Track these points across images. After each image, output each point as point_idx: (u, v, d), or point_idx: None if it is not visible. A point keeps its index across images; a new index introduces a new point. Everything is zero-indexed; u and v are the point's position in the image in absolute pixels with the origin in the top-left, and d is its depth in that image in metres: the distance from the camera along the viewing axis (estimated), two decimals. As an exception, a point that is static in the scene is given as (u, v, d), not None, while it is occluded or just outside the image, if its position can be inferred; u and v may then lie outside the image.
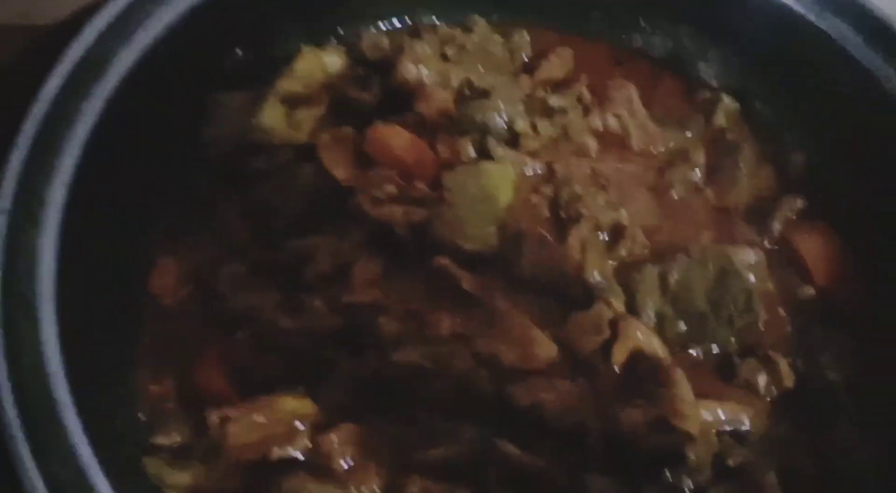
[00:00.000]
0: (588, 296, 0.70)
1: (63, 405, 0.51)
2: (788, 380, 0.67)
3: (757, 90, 0.85)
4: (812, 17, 0.77)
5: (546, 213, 0.76)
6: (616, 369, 0.67)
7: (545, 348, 0.67)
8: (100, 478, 0.49)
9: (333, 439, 0.61)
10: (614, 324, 0.69)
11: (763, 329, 0.70)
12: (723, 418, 0.64)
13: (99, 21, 0.65)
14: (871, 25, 0.74)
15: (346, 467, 0.60)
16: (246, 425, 0.59)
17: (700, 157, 0.81)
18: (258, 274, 0.70)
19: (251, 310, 0.65)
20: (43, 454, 0.49)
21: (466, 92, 0.81)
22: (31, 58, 0.70)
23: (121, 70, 0.65)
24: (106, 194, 0.65)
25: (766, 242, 0.76)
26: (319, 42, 0.82)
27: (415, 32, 0.85)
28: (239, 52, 0.79)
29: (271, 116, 0.77)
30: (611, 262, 0.72)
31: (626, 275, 0.72)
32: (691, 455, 0.60)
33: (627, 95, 0.83)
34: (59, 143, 0.60)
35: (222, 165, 0.76)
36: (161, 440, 0.61)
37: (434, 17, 0.88)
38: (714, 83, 0.87)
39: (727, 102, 0.84)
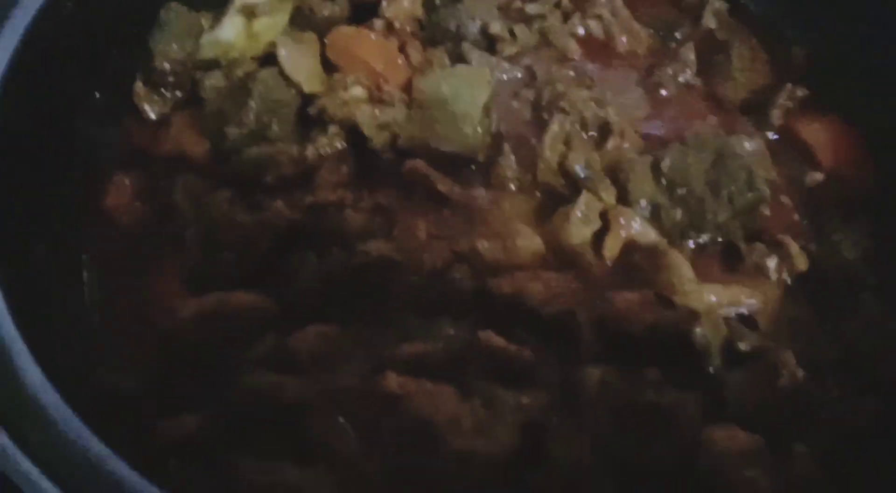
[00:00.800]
0: (575, 190, 0.64)
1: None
2: (801, 262, 0.61)
3: (747, -12, 0.80)
4: None
5: (528, 115, 0.71)
6: (608, 262, 0.62)
7: (530, 241, 0.61)
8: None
9: (299, 342, 0.55)
10: (604, 216, 0.63)
11: (769, 215, 0.64)
12: (730, 301, 0.58)
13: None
14: None
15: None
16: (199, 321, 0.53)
17: (690, 55, 0.76)
18: (216, 183, 0.64)
19: (205, 207, 0.60)
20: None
21: (437, 2, 0.77)
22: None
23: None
24: (47, 101, 0.60)
25: (767, 133, 0.70)
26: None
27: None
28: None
29: (228, 31, 0.72)
30: (596, 155, 0.67)
31: (616, 169, 0.66)
32: (697, 331, 0.53)
33: (610, -1, 0.79)
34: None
35: (174, 80, 0.71)
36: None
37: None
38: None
39: (715, 2, 0.79)
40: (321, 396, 0.51)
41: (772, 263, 0.60)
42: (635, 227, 0.62)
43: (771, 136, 0.71)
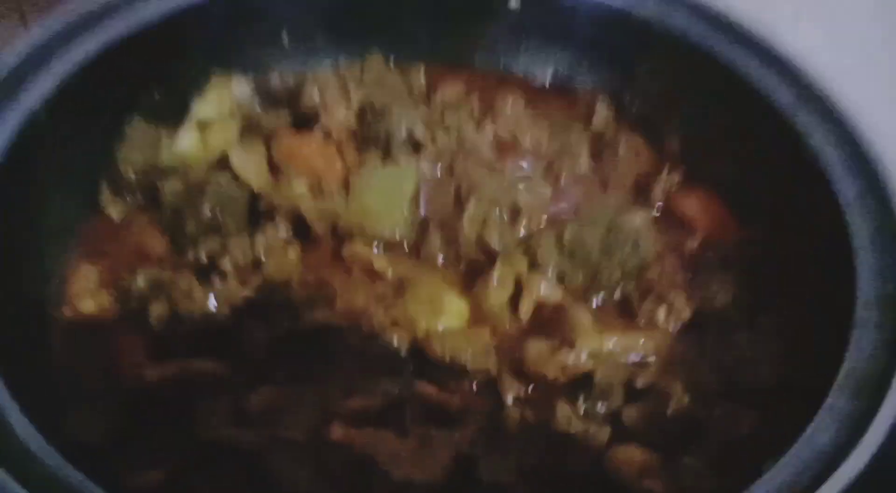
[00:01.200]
0: (492, 261, 0.75)
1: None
2: (685, 312, 0.71)
3: (628, 94, 0.95)
4: (667, 23, 0.87)
5: (449, 202, 0.82)
6: (523, 319, 0.71)
7: (456, 306, 0.71)
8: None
9: (253, 401, 0.62)
10: (518, 281, 0.73)
11: (658, 274, 0.75)
12: (626, 347, 0.68)
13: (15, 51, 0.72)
14: (724, 26, 0.85)
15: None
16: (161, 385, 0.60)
17: (584, 151, 0.89)
18: (175, 272, 0.72)
19: (166, 291, 0.67)
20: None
21: (367, 113, 0.90)
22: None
23: (37, 93, 0.71)
24: (21, 203, 0.69)
25: (651, 209, 0.83)
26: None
27: (317, 68, 0.94)
28: (157, 94, 0.86)
29: (185, 142, 0.83)
30: (511, 233, 0.78)
31: (526, 242, 0.77)
32: (597, 377, 0.63)
33: (513, 107, 0.92)
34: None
35: (136, 186, 0.80)
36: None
37: (332, 61, 0.97)
38: (590, 93, 0.97)
39: (603, 107, 0.94)
40: (274, 444, 0.57)
41: (661, 314, 0.71)
42: (544, 289, 0.73)
43: (655, 211, 0.83)
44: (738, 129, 0.82)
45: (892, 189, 0.65)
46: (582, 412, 0.63)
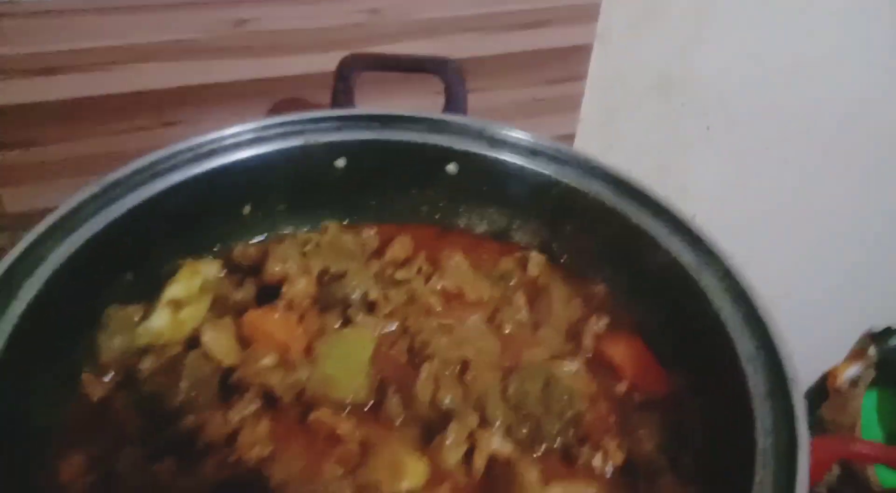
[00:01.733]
0: (447, 419, 0.83)
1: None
2: (617, 457, 0.80)
3: (558, 246, 1.08)
4: (585, 188, 1.01)
5: (404, 361, 0.91)
6: (476, 476, 0.79)
7: (416, 466, 0.78)
8: None
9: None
10: (471, 437, 0.82)
11: (592, 421, 0.84)
12: (570, 496, 0.76)
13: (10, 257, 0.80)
14: (636, 193, 0.96)
15: None
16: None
17: (521, 299, 1.00)
18: (154, 452, 0.78)
19: (148, 474, 0.73)
20: None
21: (326, 278, 0.99)
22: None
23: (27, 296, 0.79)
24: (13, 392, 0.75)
25: (583, 354, 0.93)
26: (199, 257, 0.98)
27: (277, 240, 1.03)
28: (129, 276, 0.94)
29: (158, 321, 0.91)
30: (460, 389, 0.87)
31: (476, 398, 0.86)
32: (545, 529, 0.71)
33: (457, 261, 1.03)
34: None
35: (115, 368, 0.87)
36: None
37: (292, 228, 1.08)
38: (524, 244, 1.09)
39: (535, 256, 1.06)
40: None
41: (597, 460, 0.80)
42: (495, 443, 0.81)
43: (587, 355, 0.94)
44: (652, 283, 0.94)
45: (785, 353, 0.76)
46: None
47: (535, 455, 0.82)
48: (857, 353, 2.50)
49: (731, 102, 1.72)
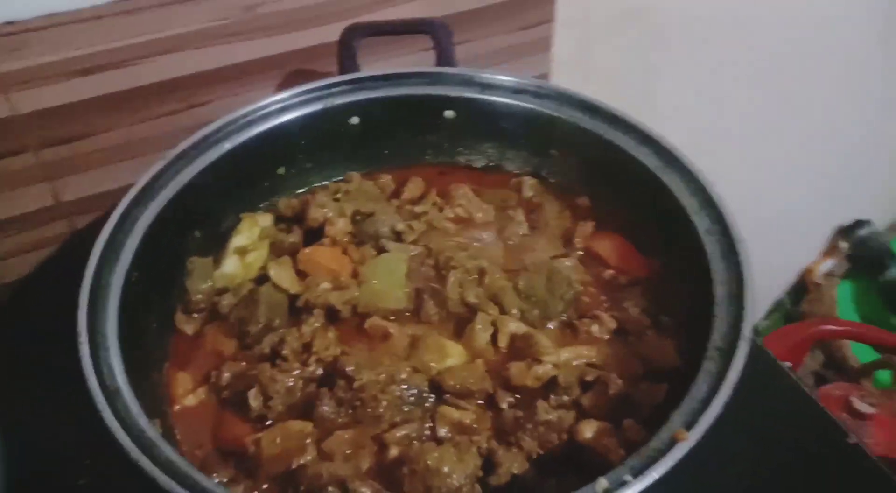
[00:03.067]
0: (473, 313, 1.04)
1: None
2: (611, 324, 1.02)
3: (546, 169, 1.27)
4: (566, 117, 1.19)
5: (433, 274, 1.11)
6: (503, 350, 1.01)
7: (456, 350, 1.00)
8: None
9: (331, 444, 0.90)
10: (494, 323, 1.03)
11: (588, 301, 1.06)
12: (576, 355, 0.98)
13: (107, 227, 0.99)
14: (609, 116, 1.15)
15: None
16: (270, 442, 0.87)
17: (521, 216, 1.19)
18: (250, 364, 1.00)
19: (251, 377, 0.95)
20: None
21: (358, 217, 1.19)
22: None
23: (127, 254, 0.99)
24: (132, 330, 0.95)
25: (576, 253, 1.14)
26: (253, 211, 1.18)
27: (312, 192, 1.23)
28: (198, 233, 1.14)
29: (230, 266, 1.11)
30: (481, 289, 1.08)
31: (494, 294, 1.07)
32: (560, 376, 0.93)
33: (463, 192, 1.23)
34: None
35: (203, 305, 1.08)
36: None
37: (323, 181, 1.27)
38: (517, 171, 1.29)
39: (528, 180, 1.26)
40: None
41: (595, 328, 1.02)
42: (513, 326, 1.02)
43: (579, 253, 1.15)
44: (627, 188, 1.14)
45: (731, 222, 0.97)
46: (554, 405, 0.92)
47: (545, 331, 1.03)
48: (831, 248, 2.73)
49: (692, 26, 1.89)
